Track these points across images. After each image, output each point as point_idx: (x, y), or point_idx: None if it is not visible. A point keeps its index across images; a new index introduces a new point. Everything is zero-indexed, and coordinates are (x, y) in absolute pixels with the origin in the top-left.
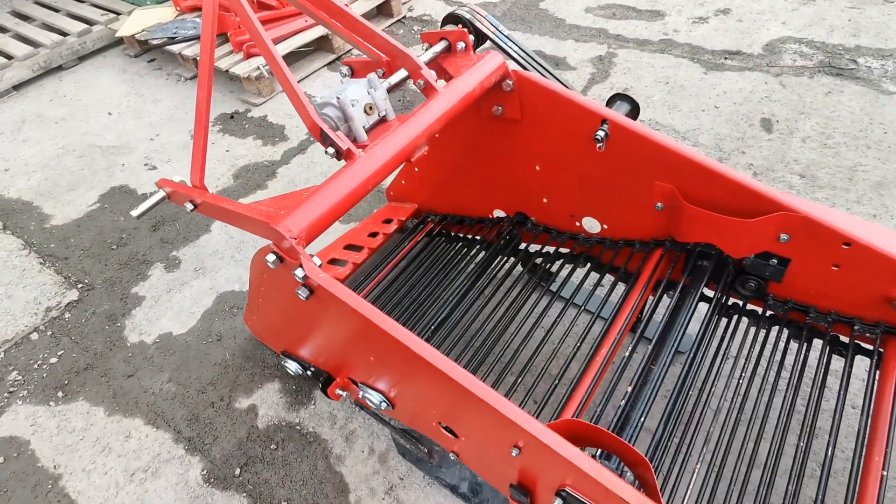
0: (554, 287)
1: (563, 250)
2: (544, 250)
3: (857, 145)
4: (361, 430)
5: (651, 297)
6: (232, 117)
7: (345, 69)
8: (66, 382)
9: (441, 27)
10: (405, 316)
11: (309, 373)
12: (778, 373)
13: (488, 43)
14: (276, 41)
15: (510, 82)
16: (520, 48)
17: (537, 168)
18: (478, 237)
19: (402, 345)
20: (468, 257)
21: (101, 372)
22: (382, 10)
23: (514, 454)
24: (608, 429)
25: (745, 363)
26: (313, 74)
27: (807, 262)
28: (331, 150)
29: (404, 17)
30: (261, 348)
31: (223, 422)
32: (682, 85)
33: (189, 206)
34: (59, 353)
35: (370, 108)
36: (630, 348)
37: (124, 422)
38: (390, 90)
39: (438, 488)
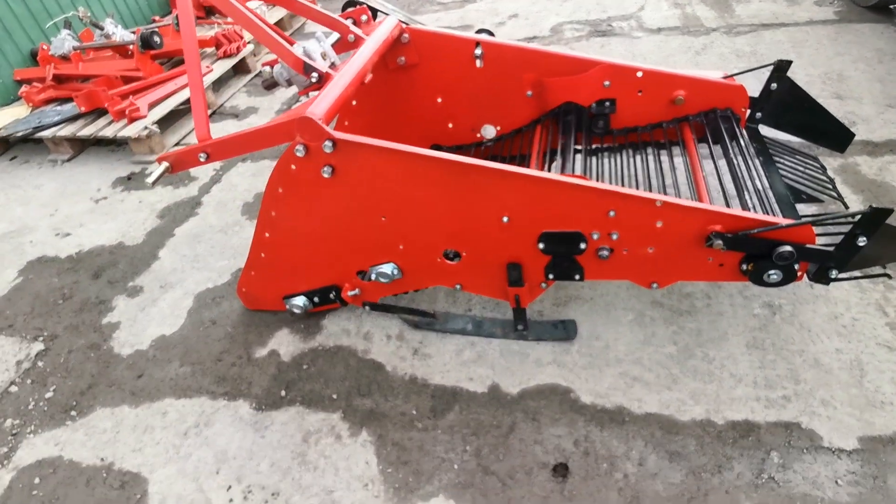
0: None
1: None
2: None
3: None
4: (374, 328)
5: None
6: (129, 178)
7: (267, 69)
8: (75, 403)
9: (343, 11)
10: None
11: (315, 299)
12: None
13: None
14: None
15: (406, 36)
16: (403, 13)
17: (439, 100)
18: None
19: (422, 157)
20: None
21: (108, 384)
22: (239, 68)
23: (504, 221)
24: None
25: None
26: (233, 95)
27: (625, 96)
28: (314, 75)
29: (260, 71)
30: (258, 315)
31: (250, 371)
32: None
33: (202, 157)
34: (52, 389)
35: (324, 55)
36: None
37: (154, 405)
38: (332, 46)
39: (451, 337)
